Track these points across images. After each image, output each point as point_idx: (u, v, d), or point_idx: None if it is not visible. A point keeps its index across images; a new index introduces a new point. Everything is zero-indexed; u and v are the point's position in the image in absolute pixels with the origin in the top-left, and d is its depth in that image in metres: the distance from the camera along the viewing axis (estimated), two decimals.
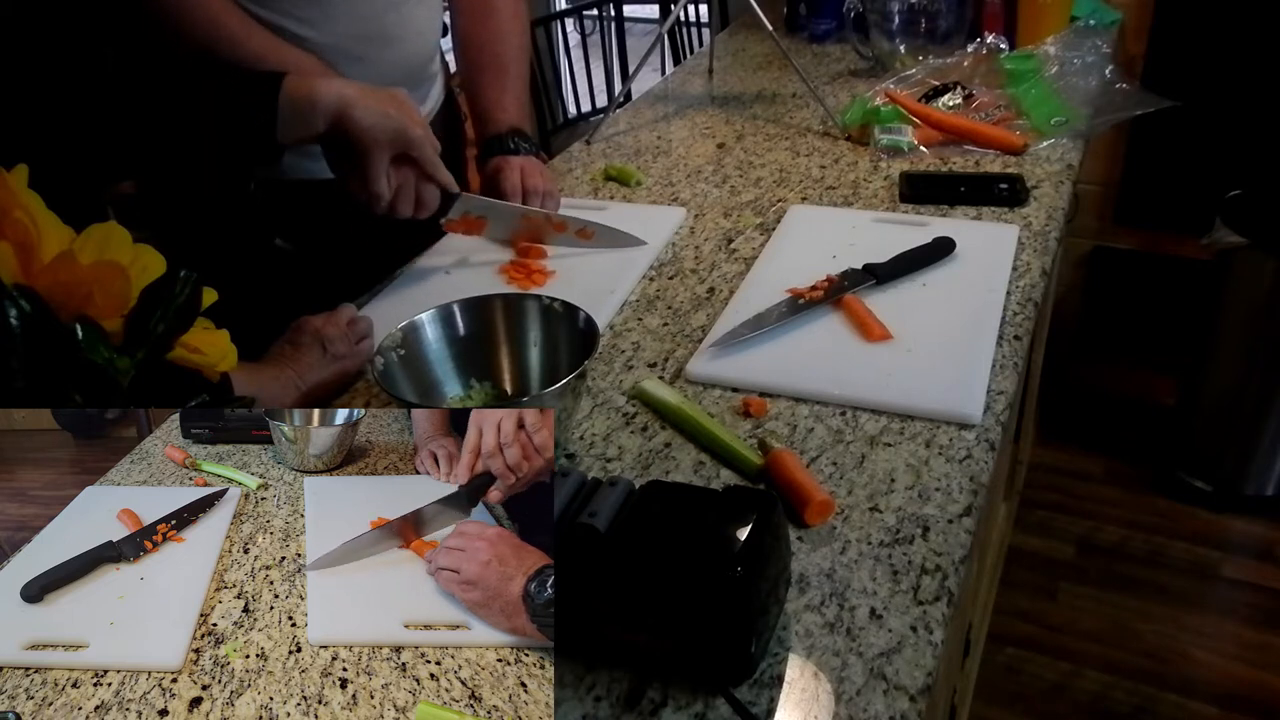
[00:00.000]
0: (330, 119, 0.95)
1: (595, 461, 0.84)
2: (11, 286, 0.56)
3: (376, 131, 0.97)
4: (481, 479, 0.79)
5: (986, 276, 1.05)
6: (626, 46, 2.76)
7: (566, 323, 0.88)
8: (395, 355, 0.86)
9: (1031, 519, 2.19)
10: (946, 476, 0.79)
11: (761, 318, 0.99)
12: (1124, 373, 2.50)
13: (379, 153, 0.98)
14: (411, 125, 1.00)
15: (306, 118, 0.95)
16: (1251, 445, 2.10)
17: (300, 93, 0.94)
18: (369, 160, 0.98)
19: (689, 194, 1.33)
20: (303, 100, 0.94)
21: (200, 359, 0.64)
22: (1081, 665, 1.86)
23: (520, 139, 1.24)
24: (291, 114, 0.94)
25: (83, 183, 0.83)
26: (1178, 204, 2.21)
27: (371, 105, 0.96)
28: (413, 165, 1.03)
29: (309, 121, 0.95)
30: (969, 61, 1.54)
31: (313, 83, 0.95)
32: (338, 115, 0.95)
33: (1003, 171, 1.30)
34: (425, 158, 1.03)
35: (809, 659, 0.64)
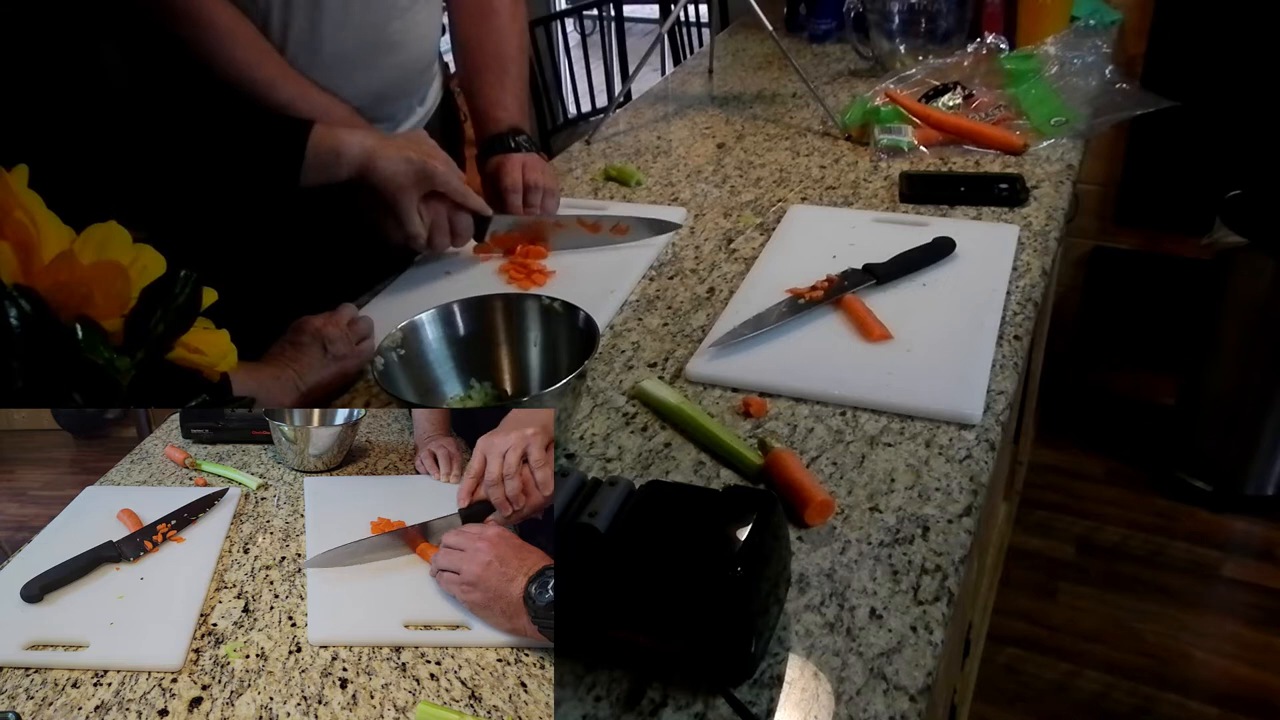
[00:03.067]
0: (354, 170, 1.01)
1: (595, 461, 0.84)
2: (11, 286, 0.56)
3: (401, 177, 1.03)
4: (479, 506, 0.79)
5: (986, 276, 1.05)
6: (626, 46, 2.76)
7: (566, 323, 0.88)
8: (395, 355, 0.86)
9: (1031, 519, 2.19)
10: (946, 476, 0.79)
11: (761, 318, 0.99)
12: (1124, 373, 2.50)
13: (406, 196, 1.05)
14: (431, 161, 1.05)
15: (330, 168, 1.01)
16: (1251, 445, 2.10)
17: (326, 144, 1.00)
18: (399, 204, 1.05)
19: (689, 194, 1.33)
20: (328, 151, 1.00)
21: (200, 359, 0.64)
22: (1081, 665, 1.86)
23: (520, 137, 1.24)
24: (316, 162, 1.00)
25: (83, 183, 0.83)
26: (1178, 204, 2.21)
27: (393, 153, 1.03)
28: (442, 199, 1.09)
29: (333, 171, 1.01)
30: (969, 61, 1.54)
31: (338, 134, 1.01)
32: (362, 166, 1.01)
33: (1003, 171, 1.30)
34: (452, 189, 1.08)
35: (809, 659, 0.64)
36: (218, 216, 1.07)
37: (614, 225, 1.18)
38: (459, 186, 1.08)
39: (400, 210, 1.05)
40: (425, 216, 1.08)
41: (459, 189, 1.09)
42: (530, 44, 1.65)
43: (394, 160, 1.02)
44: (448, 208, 1.10)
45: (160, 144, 0.97)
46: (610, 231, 1.18)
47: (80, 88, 0.87)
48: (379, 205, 1.05)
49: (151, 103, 0.99)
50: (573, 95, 2.80)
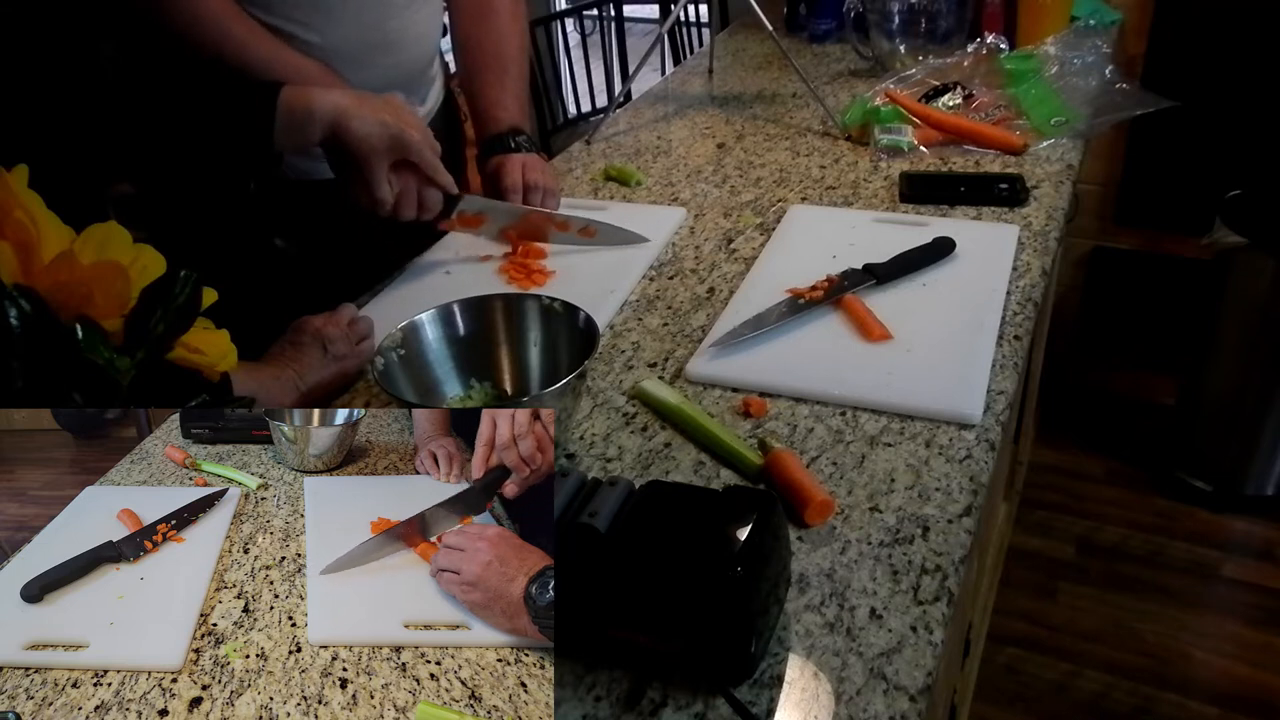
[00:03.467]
0: (326, 129, 0.97)
1: (595, 461, 0.84)
2: (11, 286, 0.56)
3: (374, 139, 0.99)
4: (496, 473, 0.78)
5: (986, 276, 1.05)
6: (626, 46, 2.76)
7: (566, 323, 0.88)
8: (395, 355, 0.86)
9: (1031, 519, 2.19)
10: (946, 476, 0.79)
11: (761, 318, 0.99)
12: (1124, 373, 2.49)
13: (378, 159, 1.00)
14: (408, 130, 1.01)
15: (303, 128, 0.97)
16: (1251, 445, 2.10)
17: (297, 103, 0.96)
18: (369, 167, 1.00)
19: (689, 194, 1.33)
20: (299, 111, 0.96)
21: (200, 359, 0.64)
22: (1081, 665, 1.86)
23: (520, 137, 1.24)
24: (288, 124, 0.96)
25: (83, 183, 0.83)
26: (1178, 204, 2.21)
27: (367, 114, 0.98)
28: (413, 169, 1.05)
29: (305, 131, 0.97)
30: (969, 61, 1.54)
31: (309, 93, 0.97)
32: (334, 125, 0.97)
33: (1003, 171, 1.30)
34: (425, 161, 1.04)
35: (809, 659, 0.64)
36: (210, 197, 1.07)
37: (582, 227, 1.18)
38: (431, 159, 1.05)
39: (369, 173, 1.01)
40: (394, 184, 1.04)
41: (431, 161, 1.05)
42: (530, 44, 1.65)
43: (368, 121, 0.98)
44: (418, 179, 1.06)
45: (145, 124, 0.95)
46: (578, 233, 1.18)
47: (77, 82, 0.87)
48: (349, 165, 1.02)
49: (139, 86, 0.97)
50: (573, 95, 2.80)
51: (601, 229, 1.18)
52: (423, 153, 1.03)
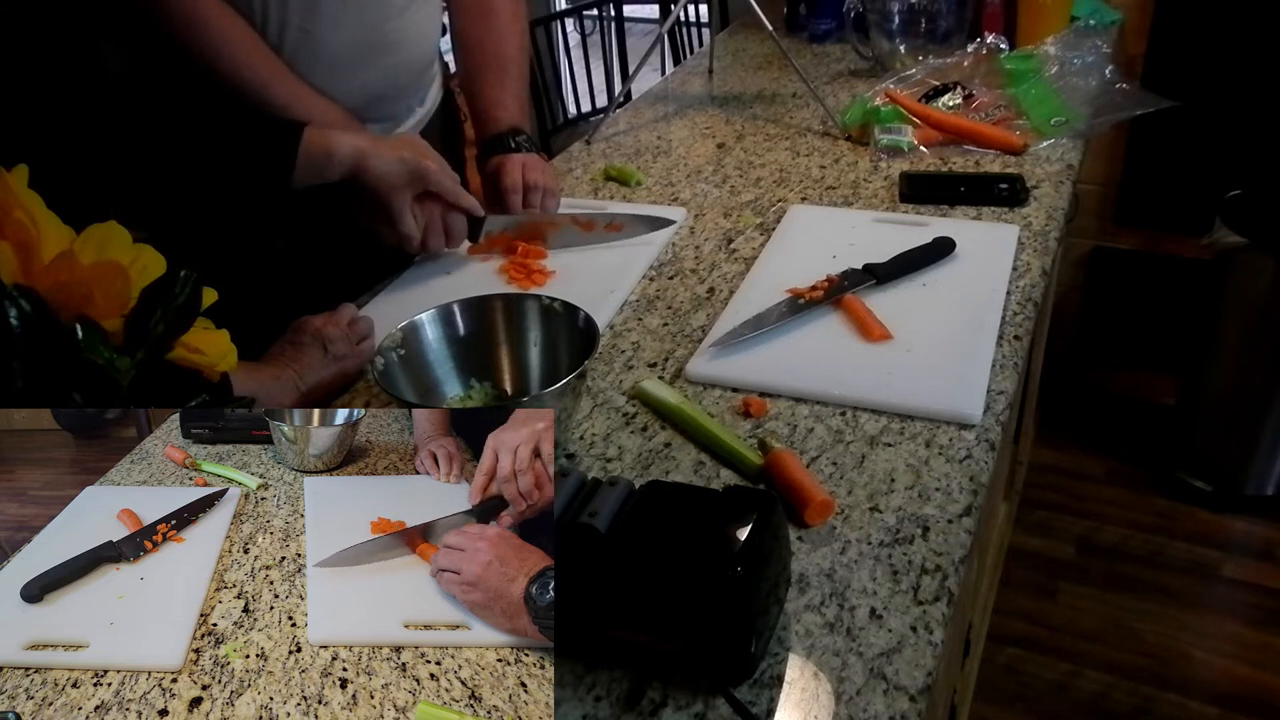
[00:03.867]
0: (346, 171, 1.01)
1: (595, 461, 0.84)
2: (11, 286, 0.56)
3: (393, 176, 1.03)
4: (493, 502, 0.80)
5: (986, 276, 1.05)
6: (626, 46, 2.76)
7: (566, 323, 0.88)
8: (395, 355, 0.86)
9: (1031, 519, 2.19)
10: (946, 476, 0.79)
11: (761, 318, 0.99)
12: (1124, 373, 2.50)
13: (399, 194, 1.05)
14: (425, 160, 1.05)
15: (322, 169, 1.01)
16: (1251, 445, 2.10)
17: (318, 145, 1.00)
18: (392, 203, 1.05)
19: (689, 194, 1.33)
20: (320, 153, 1.00)
21: (200, 359, 0.64)
22: (1081, 665, 1.86)
23: (520, 137, 1.24)
24: (308, 164, 0.99)
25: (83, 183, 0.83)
26: (1178, 204, 2.21)
27: (385, 153, 1.02)
28: (435, 200, 1.09)
29: (325, 172, 1.01)
30: (969, 61, 1.54)
31: (329, 135, 1.01)
32: (354, 167, 1.01)
33: (1003, 171, 1.30)
34: (445, 189, 1.08)
35: (809, 659, 0.64)
36: (216, 216, 1.07)
37: (608, 222, 1.18)
38: (452, 186, 1.08)
39: (393, 210, 1.05)
40: (419, 217, 1.08)
41: (452, 189, 1.08)
42: (530, 44, 1.65)
43: (386, 160, 1.02)
44: (441, 208, 1.10)
45: (155, 142, 0.97)
46: (605, 229, 1.18)
47: (79, 85, 0.87)
48: (373, 206, 1.05)
49: (148, 101, 0.99)
50: (573, 95, 2.80)
51: (627, 221, 1.18)
52: (442, 180, 1.07)
